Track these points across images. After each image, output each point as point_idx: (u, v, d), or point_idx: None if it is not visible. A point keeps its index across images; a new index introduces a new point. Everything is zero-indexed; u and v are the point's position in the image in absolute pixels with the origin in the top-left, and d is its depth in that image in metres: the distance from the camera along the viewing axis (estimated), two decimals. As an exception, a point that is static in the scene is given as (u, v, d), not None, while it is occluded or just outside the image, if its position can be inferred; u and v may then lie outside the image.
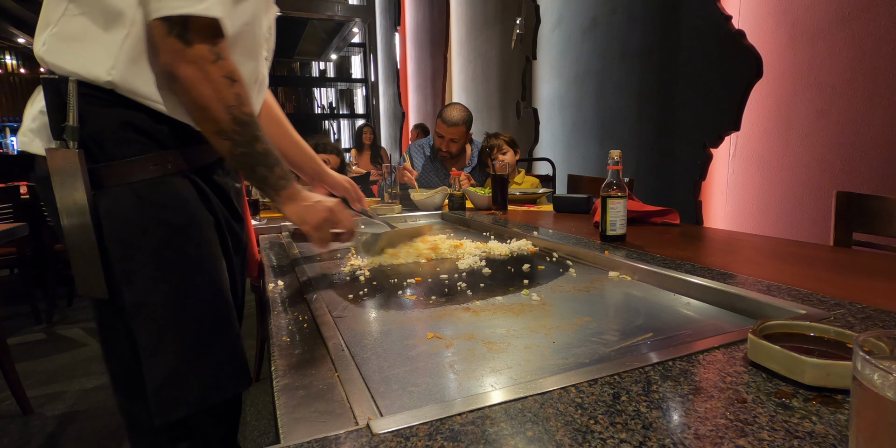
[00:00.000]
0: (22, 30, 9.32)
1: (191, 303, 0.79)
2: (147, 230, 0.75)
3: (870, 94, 1.68)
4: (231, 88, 0.74)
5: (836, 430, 0.40)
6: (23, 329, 2.90)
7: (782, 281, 0.83)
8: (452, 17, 5.16)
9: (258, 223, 1.62)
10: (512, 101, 4.01)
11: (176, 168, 0.79)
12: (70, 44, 0.72)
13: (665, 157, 2.50)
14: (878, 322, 0.64)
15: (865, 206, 1.37)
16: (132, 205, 0.74)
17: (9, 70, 12.61)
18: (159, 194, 0.77)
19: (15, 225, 1.78)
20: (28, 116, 0.76)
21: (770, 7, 1.98)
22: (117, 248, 0.74)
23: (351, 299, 0.89)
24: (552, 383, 0.49)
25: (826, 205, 1.80)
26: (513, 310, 0.80)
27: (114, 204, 0.74)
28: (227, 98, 0.74)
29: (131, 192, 0.75)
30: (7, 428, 1.84)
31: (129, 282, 0.74)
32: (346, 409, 0.47)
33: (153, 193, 0.76)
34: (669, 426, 0.41)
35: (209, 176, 0.86)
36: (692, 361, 0.54)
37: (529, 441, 0.40)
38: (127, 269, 0.74)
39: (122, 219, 0.74)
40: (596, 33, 2.96)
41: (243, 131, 0.76)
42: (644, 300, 0.85)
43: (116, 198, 0.74)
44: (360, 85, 9.65)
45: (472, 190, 2.00)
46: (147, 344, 0.75)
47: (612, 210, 1.18)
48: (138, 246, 0.75)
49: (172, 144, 0.79)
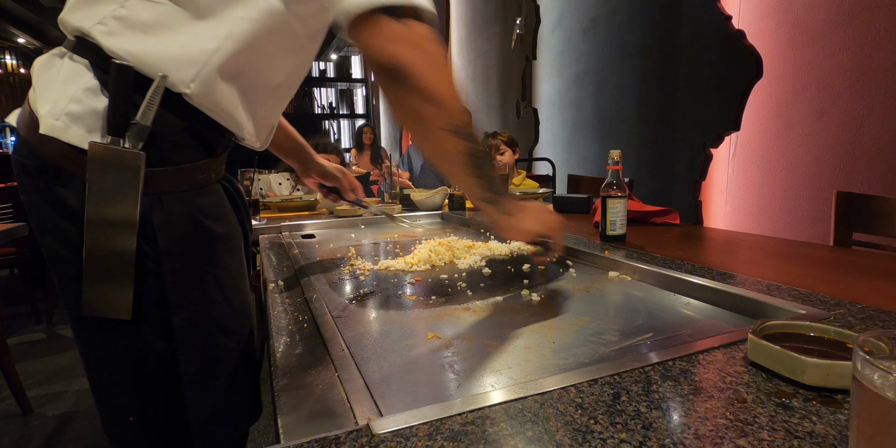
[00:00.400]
0: (22, 30, 9.32)
1: (237, 327, 0.73)
2: (202, 246, 0.68)
3: (870, 94, 1.68)
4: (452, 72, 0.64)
5: (836, 430, 0.40)
6: (23, 329, 2.90)
7: (782, 281, 0.83)
8: (452, 17, 5.16)
9: (258, 223, 1.62)
10: (512, 101, 4.01)
11: (217, 177, 0.73)
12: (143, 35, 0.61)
13: (665, 157, 2.50)
14: (878, 322, 0.64)
15: (865, 206, 1.37)
16: (189, 218, 0.66)
17: (9, 70, 12.60)
18: (209, 205, 0.70)
19: (15, 225, 1.78)
20: (64, 94, 0.61)
21: (770, 7, 1.98)
22: (173, 267, 0.65)
23: (351, 299, 0.89)
24: (552, 383, 0.49)
25: (826, 205, 1.80)
26: (513, 310, 0.80)
27: (170, 216, 0.64)
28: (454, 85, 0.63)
29: (186, 204, 0.66)
30: (7, 428, 1.84)
31: (179, 304, 0.65)
32: (346, 409, 0.47)
33: (204, 204, 0.69)
34: (669, 426, 0.41)
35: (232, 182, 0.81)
36: (692, 361, 0.54)
37: (529, 441, 0.40)
38: (179, 290, 0.65)
39: (179, 233, 0.65)
40: (596, 33, 2.96)
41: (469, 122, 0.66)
42: (644, 300, 0.85)
43: (171, 209, 0.65)
44: (360, 85, 9.65)
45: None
46: (195, 374, 0.67)
47: (612, 210, 1.18)
48: (195, 264, 0.67)
49: (219, 151, 0.72)
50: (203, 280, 0.68)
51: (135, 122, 0.60)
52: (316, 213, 1.93)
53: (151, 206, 0.63)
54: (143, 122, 0.60)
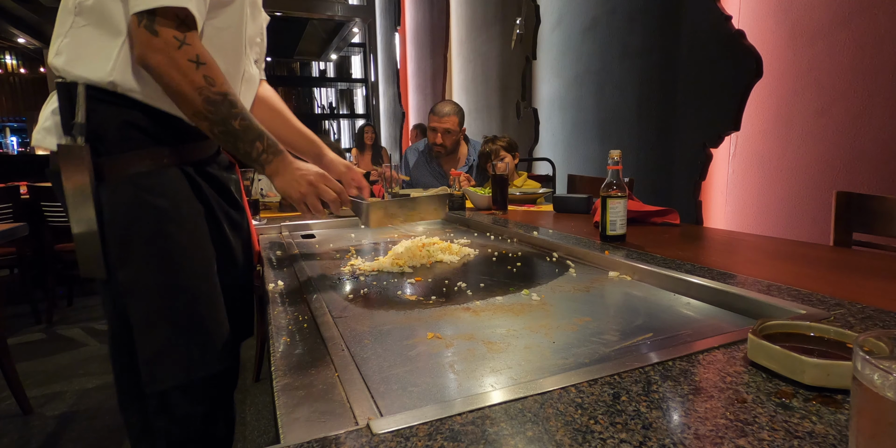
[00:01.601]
0: (22, 30, 9.31)
1: (179, 285, 0.86)
2: (141, 218, 0.83)
3: (870, 94, 1.68)
4: (198, 71, 0.80)
5: (836, 430, 0.40)
6: (23, 329, 2.90)
7: (782, 281, 0.83)
8: (452, 17, 5.16)
9: (258, 223, 1.62)
10: (512, 101, 4.01)
11: (170, 162, 0.87)
12: (78, 51, 0.81)
13: (665, 157, 2.50)
14: (878, 322, 0.64)
15: (865, 206, 1.37)
16: (129, 194, 0.83)
17: (9, 70, 12.61)
18: (153, 185, 0.84)
19: (15, 225, 1.78)
20: (42, 117, 0.85)
21: (770, 7, 1.98)
22: (115, 233, 0.82)
23: (351, 299, 0.89)
24: (552, 383, 0.49)
25: (826, 205, 1.80)
26: (513, 310, 0.80)
27: (113, 194, 0.82)
28: (195, 80, 0.80)
29: (129, 183, 0.83)
30: (7, 428, 1.84)
31: (123, 264, 0.83)
32: (346, 409, 0.47)
33: (148, 184, 0.84)
34: (669, 426, 0.41)
35: (203, 169, 0.94)
36: (692, 361, 0.54)
37: (529, 441, 0.40)
38: (123, 252, 0.83)
39: (119, 207, 0.82)
40: (596, 33, 2.96)
41: (216, 110, 0.82)
42: (644, 300, 0.85)
43: (116, 188, 0.82)
44: (360, 85, 9.65)
45: (472, 190, 2.00)
46: (139, 321, 0.84)
47: (612, 210, 1.18)
48: (134, 231, 0.83)
49: (168, 141, 0.87)
50: (143, 243, 0.83)
51: (74, 122, 0.79)
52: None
53: (103, 188, 0.82)
54: (79, 120, 0.79)
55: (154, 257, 0.84)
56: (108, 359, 0.93)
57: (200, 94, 0.80)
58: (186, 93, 0.80)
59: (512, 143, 2.36)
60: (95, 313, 3.15)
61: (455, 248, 1.22)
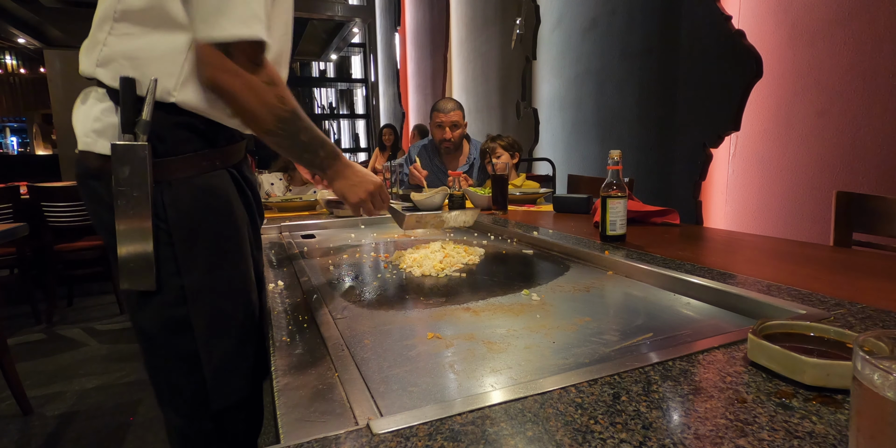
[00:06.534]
0: (22, 30, 9.31)
1: (240, 291, 0.85)
2: (206, 220, 0.81)
3: (870, 94, 1.68)
4: (272, 92, 0.79)
5: (836, 430, 0.40)
6: (23, 329, 2.90)
7: (782, 281, 0.83)
8: (452, 17, 5.16)
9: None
10: (512, 101, 4.01)
11: (221, 164, 0.86)
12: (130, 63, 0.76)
13: (665, 157, 2.50)
14: (878, 322, 0.64)
15: (865, 206, 1.37)
16: (193, 197, 0.80)
17: (9, 70, 12.60)
18: (213, 187, 0.83)
19: (15, 225, 1.78)
20: (88, 118, 0.79)
21: (770, 7, 1.98)
22: (180, 236, 0.78)
23: (351, 299, 0.89)
24: (552, 383, 0.49)
25: (826, 205, 1.80)
26: (513, 310, 0.80)
27: (177, 196, 0.78)
28: (269, 102, 0.79)
29: (192, 186, 0.80)
30: (7, 428, 1.84)
31: (189, 269, 0.79)
32: (346, 409, 0.47)
33: (208, 186, 0.82)
34: (669, 426, 0.41)
35: (242, 171, 0.92)
36: (692, 361, 0.54)
37: (529, 441, 0.40)
38: (188, 257, 0.79)
39: (184, 209, 0.79)
40: (596, 33, 2.96)
41: (287, 127, 0.83)
42: (644, 300, 0.85)
43: (178, 190, 0.78)
44: (360, 85, 9.64)
45: (472, 190, 2.00)
46: (204, 329, 0.79)
47: (612, 210, 1.18)
48: (199, 234, 0.80)
49: (221, 143, 0.85)
50: (207, 247, 0.80)
51: (139, 119, 0.74)
52: (316, 213, 1.93)
53: (162, 189, 0.77)
54: (145, 118, 0.74)
55: (219, 261, 0.82)
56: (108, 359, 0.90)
57: (273, 114, 0.80)
58: (259, 113, 0.80)
59: (513, 143, 2.37)
60: (95, 313, 3.15)
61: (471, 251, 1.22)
